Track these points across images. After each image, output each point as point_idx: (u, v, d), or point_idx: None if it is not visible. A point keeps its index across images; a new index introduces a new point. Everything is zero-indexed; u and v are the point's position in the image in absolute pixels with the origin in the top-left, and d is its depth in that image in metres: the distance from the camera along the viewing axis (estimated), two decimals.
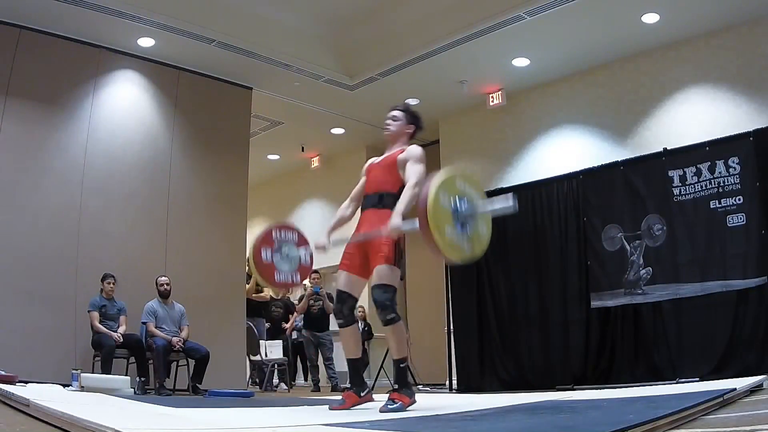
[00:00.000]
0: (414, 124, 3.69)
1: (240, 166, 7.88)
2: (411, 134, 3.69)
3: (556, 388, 6.42)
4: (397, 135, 3.67)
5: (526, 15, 6.55)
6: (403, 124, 3.67)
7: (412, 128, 3.69)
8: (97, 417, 2.31)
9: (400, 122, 3.67)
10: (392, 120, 3.68)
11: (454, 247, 3.05)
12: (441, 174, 3.10)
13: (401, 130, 3.67)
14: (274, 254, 3.79)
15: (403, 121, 3.68)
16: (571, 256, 6.90)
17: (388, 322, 3.27)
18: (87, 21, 6.48)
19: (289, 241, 3.89)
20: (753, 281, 5.71)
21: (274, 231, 3.84)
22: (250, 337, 7.63)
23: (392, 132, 3.67)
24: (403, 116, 3.69)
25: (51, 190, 6.46)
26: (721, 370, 5.59)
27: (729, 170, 5.97)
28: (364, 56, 7.80)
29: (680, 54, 6.92)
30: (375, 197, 3.55)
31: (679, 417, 2.38)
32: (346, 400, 3.48)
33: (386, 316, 3.26)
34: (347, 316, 3.48)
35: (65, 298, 6.28)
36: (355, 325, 3.58)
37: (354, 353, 3.54)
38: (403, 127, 3.67)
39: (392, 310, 3.27)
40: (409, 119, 3.69)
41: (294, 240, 3.91)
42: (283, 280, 3.86)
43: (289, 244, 3.87)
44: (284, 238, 3.86)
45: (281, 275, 3.83)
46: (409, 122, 3.68)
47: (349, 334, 3.52)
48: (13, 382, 4.65)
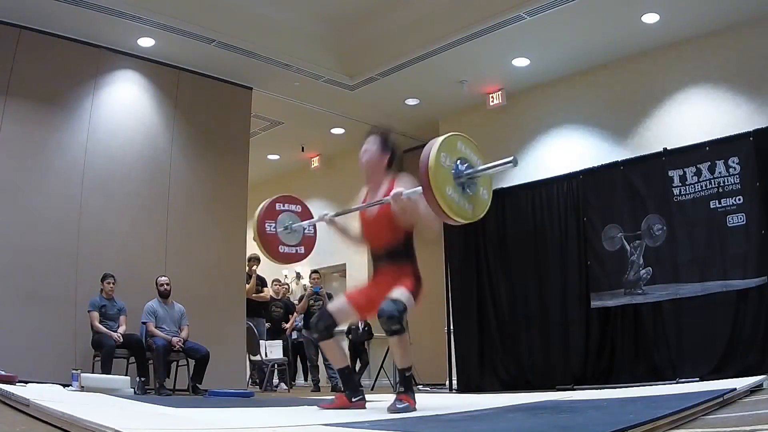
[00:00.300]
0: (389, 151, 3.44)
1: (240, 166, 7.89)
2: (388, 163, 3.44)
3: (556, 388, 6.42)
4: (373, 167, 3.43)
5: (526, 15, 6.55)
6: (377, 154, 3.43)
7: (387, 156, 3.43)
8: (97, 417, 2.31)
9: (372, 151, 3.43)
10: (364, 152, 3.45)
11: (455, 207, 3.04)
12: (440, 138, 3.10)
13: (377, 161, 3.43)
14: (277, 226, 3.79)
15: (376, 148, 3.43)
16: (571, 256, 6.91)
17: (393, 333, 3.13)
18: (87, 21, 6.48)
19: (292, 212, 3.88)
20: (753, 281, 5.71)
21: (277, 203, 3.83)
22: (250, 337, 7.63)
23: (366, 164, 3.44)
24: (377, 143, 3.45)
25: (51, 189, 6.46)
26: (721, 370, 5.59)
27: (729, 170, 5.97)
28: (364, 56, 7.80)
29: (680, 54, 6.92)
30: (384, 255, 3.41)
31: (679, 417, 2.38)
32: (337, 400, 3.46)
33: (392, 326, 3.11)
34: (321, 331, 3.37)
35: (65, 298, 6.28)
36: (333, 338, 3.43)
37: (340, 363, 3.48)
38: (378, 156, 3.43)
39: (398, 321, 3.12)
40: (382, 146, 3.43)
41: (297, 211, 3.91)
42: (286, 252, 3.86)
43: (292, 216, 3.87)
44: (287, 209, 3.86)
45: (285, 248, 3.83)
46: (383, 150, 3.43)
47: (330, 345, 3.44)
48: (13, 382, 4.65)
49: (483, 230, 7.52)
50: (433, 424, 2.59)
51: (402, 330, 3.16)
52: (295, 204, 3.94)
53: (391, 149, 3.47)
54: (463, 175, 3.12)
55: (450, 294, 7.71)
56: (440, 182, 2.98)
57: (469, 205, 3.14)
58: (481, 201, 3.24)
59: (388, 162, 3.46)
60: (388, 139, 3.48)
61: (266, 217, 3.78)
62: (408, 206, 3.20)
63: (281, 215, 3.85)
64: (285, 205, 3.87)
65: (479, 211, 3.22)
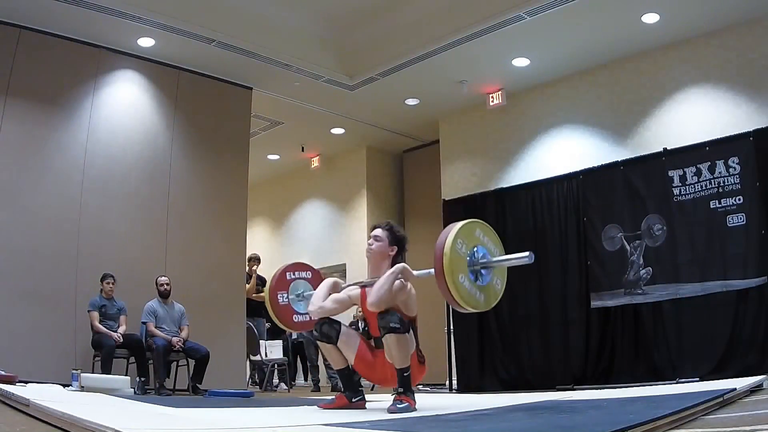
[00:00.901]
0: (397, 245, 3.46)
1: (240, 166, 7.88)
2: (394, 256, 3.44)
3: (556, 388, 6.42)
4: (379, 256, 3.44)
5: (526, 15, 6.55)
6: (385, 246, 3.45)
7: (394, 250, 3.45)
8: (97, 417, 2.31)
9: (382, 243, 3.45)
10: (374, 240, 3.47)
11: (466, 296, 3.07)
12: (459, 223, 3.14)
13: (384, 252, 3.44)
14: (289, 296, 3.85)
15: (385, 242, 3.45)
16: (571, 256, 6.91)
17: (390, 330, 3.12)
18: (87, 21, 6.48)
19: (302, 279, 3.92)
20: (753, 281, 5.71)
21: (288, 272, 3.87)
22: (250, 337, 7.62)
23: (373, 252, 3.45)
24: (386, 236, 3.46)
25: (51, 189, 6.46)
26: (721, 370, 5.59)
27: (729, 170, 5.97)
28: (364, 56, 7.79)
29: (680, 54, 6.92)
30: None
31: (679, 417, 2.38)
32: (337, 400, 3.48)
33: (390, 323, 3.12)
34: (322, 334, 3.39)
35: (65, 298, 6.28)
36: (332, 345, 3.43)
37: (339, 364, 3.48)
38: (386, 248, 3.44)
39: (397, 321, 3.13)
40: (391, 240, 3.46)
41: (307, 277, 3.95)
42: (301, 321, 3.90)
43: (303, 283, 3.92)
44: (298, 277, 3.89)
45: (299, 317, 3.87)
46: (391, 243, 3.45)
47: (329, 348, 3.45)
48: (13, 382, 4.65)
49: None
50: (433, 424, 2.59)
51: (401, 329, 3.15)
52: (305, 270, 3.98)
53: (399, 244, 3.48)
54: (478, 264, 3.14)
55: None
56: (454, 269, 2.99)
57: (480, 294, 3.17)
58: (493, 291, 3.27)
59: (396, 254, 3.47)
60: (398, 234, 3.51)
61: (278, 288, 3.83)
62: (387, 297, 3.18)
63: (293, 283, 3.91)
64: (295, 273, 3.93)
65: (491, 302, 3.26)
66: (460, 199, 7.95)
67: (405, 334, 3.18)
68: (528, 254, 3.14)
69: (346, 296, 3.53)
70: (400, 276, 3.25)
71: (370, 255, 3.48)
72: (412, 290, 3.37)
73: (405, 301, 3.32)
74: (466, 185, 8.28)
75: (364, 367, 3.46)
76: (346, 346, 3.42)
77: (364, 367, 3.45)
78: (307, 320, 3.89)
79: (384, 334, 3.16)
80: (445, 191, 8.48)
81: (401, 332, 3.15)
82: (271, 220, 11.58)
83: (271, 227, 11.63)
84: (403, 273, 3.26)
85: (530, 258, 3.14)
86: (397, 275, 3.24)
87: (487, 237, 3.27)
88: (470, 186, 8.20)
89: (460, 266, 3.04)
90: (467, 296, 3.08)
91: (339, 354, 3.47)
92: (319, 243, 10.48)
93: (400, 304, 3.29)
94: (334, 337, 3.39)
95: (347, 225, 10.12)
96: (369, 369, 3.41)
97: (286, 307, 3.86)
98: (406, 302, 3.32)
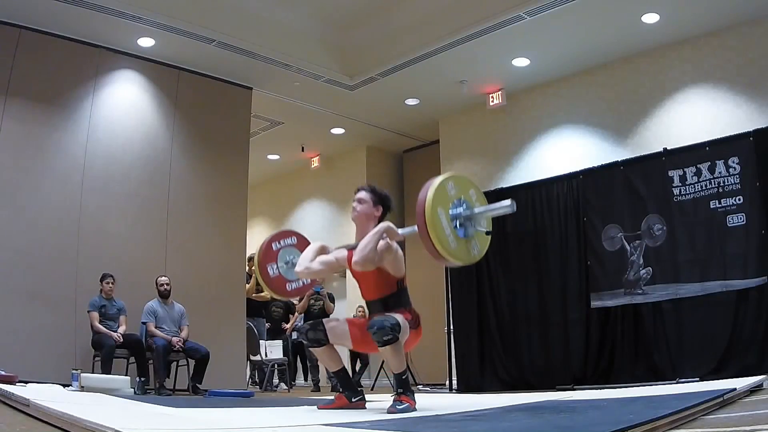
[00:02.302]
0: (382, 206, 3.45)
1: (240, 166, 7.89)
2: (379, 217, 3.43)
3: (556, 388, 6.42)
4: (365, 218, 3.42)
5: (526, 15, 6.55)
6: (370, 207, 3.43)
7: (379, 210, 3.43)
8: (97, 417, 2.31)
9: (366, 205, 3.43)
10: (358, 203, 3.45)
11: (452, 250, 3.06)
12: (439, 177, 3.11)
13: (369, 213, 3.42)
14: (279, 266, 3.81)
15: (370, 203, 3.44)
16: (571, 256, 6.90)
17: (385, 343, 3.10)
18: (87, 21, 6.49)
19: (289, 246, 3.89)
20: (753, 281, 5.71)
21: (273, 243, 3.83)
22: (250, 337, 7.62)
23: (359, 215, 3.43)
24: (370, 198, 3.45)
25: (51, 190, 6.46)
26: (721, 370, 5.59)
27: (729, 170, 5.97)
28: (364, 56, 7.80)
29: (680, 54, 6.92)
30: (379, 304, 3.39)
31: (679, 417, 2.38)
32: (336, 400, 3.48)
33: (383, 336, 3.08)
34: (310, 340, 3.41)
35: (65, 298, 6.28)
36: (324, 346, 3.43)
37: (333, 366, 3.49)
38: (371, 210, 3.43)
39: (390, 331, 3.09)
40: (376, 201, 3.44)
41: (293, 243, 3.92)
42: (295, 288, 3.88)
43: (290, 250, 3.87)
44: (284, 245, 3.86)
45: (292, 284, 3.84)
46: (376, 204, 3.44)
47: (320, 352, 3.46)
48: (13, 382, 4.65)
49: None
50: (433, 424, 2.59)
51: (395, 338, 3.12)
52: (289, 237, 3.94)
53: (384, 204, 3.47)
54: (460, 216, 3.11)
55: (450, 294, 7.71)
56: (437, 223, 2.98)
57: (464, 246, 3.14)
58: (479, 242, 3.24)
59: (381, 215, 3.46)
60: (382, 194, 3.50)
61: (266, 260, 3.78)
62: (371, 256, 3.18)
63: (280, 253, 3.86)
64: (280, 242, 3.87)
65: (476, 254, 3.23)
66: None
67: (399, 340, 3.16)
68: (509, 202, 3.14)
69: (333, 258, 3.54)
70: (385, 235, 3.25)
71: (356, 217, 3.46)
72: (399, 251, 3.37)
73: (392, 261, 3.33)
74: None
75: (363, 346, 3.50)
76: (338, 337, 3.43)
77: (364, 346, 3.48)
78: (300, 286, 3.90)
79: (380, 347, 3.15)
80: None
81: (395, 341, 3.13)
82: (271, 220, 11.58)
83: (271, 227, 11.62)
84: (387, 231, 3.26)
85: (512, 206, 3.13)
86: (381, 234, 3.23)
87: (468, 189, 3.24)
88: None
89: (442, 219, 3.03)
90: (451, 249, 3.06)
91: (332, 356, 3.47)
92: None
93: (387, 265, 3.31)
94: (323, 337, 3.40)
95: (347, 225, 10.09)
96: (368, 345, 3.39)
97: (278, 278, 3.81)
98: (392, 262, 3.33)
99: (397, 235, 3.30)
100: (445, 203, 3.09)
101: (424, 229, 2.98)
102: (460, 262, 3.18)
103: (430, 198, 2.99)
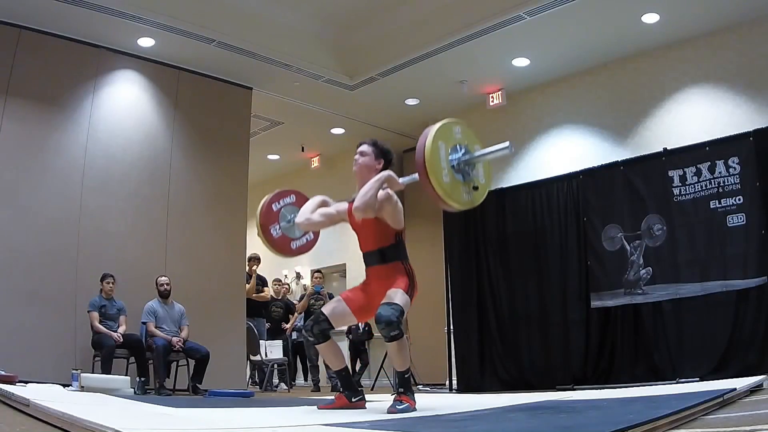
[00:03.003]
0: (383, 159, 3.49)
1: (240, 166, 7.88)
2: (380, 170, 3.46)
3: (556, 388, 6.42)
4: (366, 170, 3.46)
5: (526, 15, 6.55)
6: (371, 160, 3.48)
7: (381, 163, 3.48)
8: (97, 417, 2.31)
9: (368, 157, 3.49)
10: (360, 155, 3.51)
11: (452, 193, 3.11)
12: (438, 123, 3.17)
13: (371, 166, 3.46)
14: (281, 226, 3.83)
15: (371, 156, 3.49)
16: (571, 256, 6.90)
17: (392, 339, 3.15)
18: (87, 21, 6.48)
19: (289, 205, 3.89)
20: (753, 281, 5.71)
21: (273, 203, 3.84)
22: (250, 337, 7.63)
23: (360, 167, 3.49)
24: (372, 151, 3.50)
25: (51, 190, 6.46)
26: (721, 370, 5.59)
27: (729, 170, 5.97)
28: (364, 56, 7.79)
29: (680, 54, 6.91)
30: (376, 255, 3.43)
31: (679, 417, 2.38)
32: (336, 400, 3.49)
33: (390, 332, 3.13)
34: (317, 335, 3.41)
35: (65, 298, 6.28)
36: (329, 341, 3.47)
37: (337, 365, 3.50)
38: (372, 162, 3.47)
39: (396, 327, 3.14)
40: (377, 154, 3.49)
41: (293, 201, 3.93)
42: (299, 245, 3.92)
43: (290, 208, 3.89)
44: (284, 204, 3.87)
45: (296, 242, 3.89)
46: (377, 157, 3.49)
47: (325, 348, 3.47)
48: (13, 382, 4.65)
49: (483, 230, 7.52)
50: (433, 424, 2.59)
51: (400, 335, 3.17)
52: (288, 196, 3.95)
53: (385, 157, 3.51)
54: (459, 161, 3.18)
55: (450, 294, 7.71)
56: (436, 167, 3.04)
57: (465, 189, 3.20)
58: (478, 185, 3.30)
59: (382, 168, 3.49)
60: (384, 148, 3.54)
61: (268, 222, 3.80)
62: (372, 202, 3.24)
63: (281, 213, 3.87)
64: (280, 202, 3.89)
65: (477, 198, 3.29)
66: None
67: (404, 337, 3.21)
68: (507, 144, 3.23)
69: (334, 210, 3.61)
70: (386, 185, 3.30)
71: (357, 170, 3.50)
72: (399, 203, 3.42)
73: (391, 212, 3.37)
74: None
75: (365, 315, 3.53)
76: (341, 318, 3.47)
77: (365, 315, 3.52)
78: (304, 243, 3.93)
79: (387, 342, 3.20)
80: None
81: (400, 337, 3.17)
82: None
83: None
84: (388, 179, 3.31)
85: (510, 148, 3.22)
86: (382, 182, 3.29)
87: (467, 134, 3.31)
88: None
89: (441, 163, 3.10)
90: (452, 192, 3.12)
91: (336, 352, 3.51)
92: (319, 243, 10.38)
93: (386, 216, 3.35)
94: (328, 326, 3.42)
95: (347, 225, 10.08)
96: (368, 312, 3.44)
97: (282, 238, 3.84)
98: (392, 213, 3.38)
99: (398, 183, 3.36)
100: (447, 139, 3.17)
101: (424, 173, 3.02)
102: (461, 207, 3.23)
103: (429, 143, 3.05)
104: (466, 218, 7.59)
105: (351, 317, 3.51)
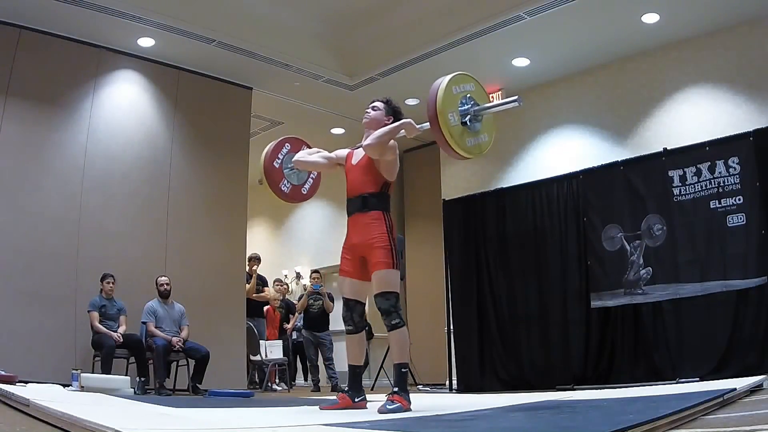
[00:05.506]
0: (393, 116, 3.60)
1: (240, 166, 7.88)
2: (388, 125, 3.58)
3: (556, 388, 6.42)
4: (375, 124, 3.54)
5: (526, 15, 6.55)
6: (381, 114, 3.58)
7: (390, 119, 3.58)
8: (97, 417, 2.31)
9: (379, 112, 3.59)
10: (372, 109, 3.61)
11: (459, 140, 3.35)
12: (449, 75, 3.40)
13: (380, 120, 3.55)
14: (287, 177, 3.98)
15: (382, 111, 3.59)
16: (571, 256, 6.90)
17: (393, 327, 3.30)
18: (87, 21, 6.49)
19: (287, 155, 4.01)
20: (753, 281, 5.71)
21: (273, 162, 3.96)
22: (250, 337, 7.63)
23: (370, 119, 3.57)
24: (384, 107, 3.61)
25: (51, 190, 6.46)
26: (721, 370, 5.59)
27: (729, 170, 5.97)
28: (364, 56, 7.79)
29: (680, 54, 6.91)
30: (358, 201, 3.51)
31: (679, 417, 2.38)
32: (340, 401, 3.48)
33: (391, 321, 3.30)
34: (357, 323, 3.50)
35: (65, 298, 6.28)
36: (363, 332, 3.56)
37: (357, 360, 3.54)
38: (382, 117, 3.57)
39: (397, 316, 3.31)
40: (388, 111, 3.60)
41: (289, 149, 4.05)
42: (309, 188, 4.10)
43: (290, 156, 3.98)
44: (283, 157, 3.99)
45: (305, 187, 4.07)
46: (387, 114, 3.59)
47: (356, 341, 3.53)
48: (13, 382, 4.65)
49: (483, 230, 7.53)
50: (433, 424, 2.59)
51: (402, 323, 3.33)
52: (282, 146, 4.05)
53: (396, 115, 3.63)
54: (469, 111, 3.42)
55: (450, 294, 7.71)
56: (446, 115, 3.30)
57: (471, 139, 3.44)
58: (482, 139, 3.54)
59: None
60: (396, 107, 3.68)
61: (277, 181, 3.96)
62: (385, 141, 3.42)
63: (284, 167, 3.99)
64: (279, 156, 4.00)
65: (481, 148, 3.52)
66: (460, 199, 7.95)
67: (405, 327, 3.36)
68: (516, 97, 3.49)
69: (333, 154, 3.76)
70: (403, 131, 3.48)
71: (367, 122, 3.58)
72: (397, 159, 3.59)
73: (391, 161, 3.52)
74: (466, 185, 8.27)
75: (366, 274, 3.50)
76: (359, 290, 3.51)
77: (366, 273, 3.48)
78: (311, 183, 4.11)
79: (388, 331, 3.35)
80: (445, 191, 8.47)
81: (402, 325, 3.32)
82: (271, 220, 11.58)
83: (271, 227, 11.63)
84: (407, 126, 3.49)
85: (519, 101, 3.48)
86: (401, 128, 3.47)
87: (475, 88, 3.54)
88: (470, 186, 8.19)
89: (451, 111, 3.36)
90: (458, 138, 3.35)
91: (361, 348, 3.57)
92: (319, 243, 10.48)
93: (383, 163, 3.49)
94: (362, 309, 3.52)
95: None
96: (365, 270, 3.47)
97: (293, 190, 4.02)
98: (390, 162, 3.53)
99: (416, 129, 3.53)
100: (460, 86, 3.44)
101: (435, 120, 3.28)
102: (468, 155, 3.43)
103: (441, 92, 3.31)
104: (466, 218, 7.60)
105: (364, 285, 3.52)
